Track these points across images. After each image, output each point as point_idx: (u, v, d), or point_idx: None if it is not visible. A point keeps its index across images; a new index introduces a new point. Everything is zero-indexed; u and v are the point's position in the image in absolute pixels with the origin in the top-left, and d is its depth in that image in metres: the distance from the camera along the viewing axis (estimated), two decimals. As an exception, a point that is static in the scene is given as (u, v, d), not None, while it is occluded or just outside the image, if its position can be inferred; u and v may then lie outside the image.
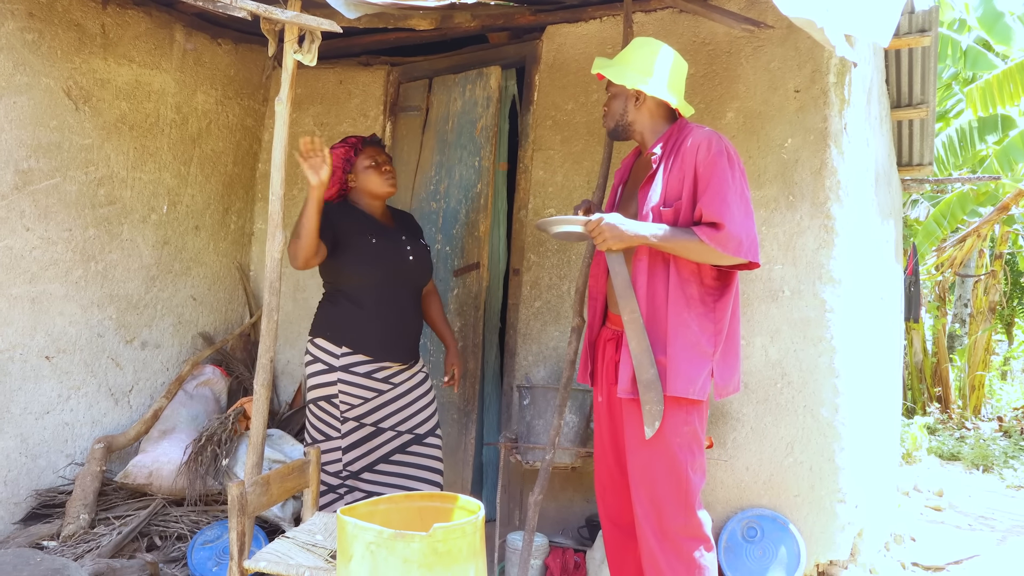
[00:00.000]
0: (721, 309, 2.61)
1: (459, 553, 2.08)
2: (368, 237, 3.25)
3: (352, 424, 3.21)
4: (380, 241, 3.27)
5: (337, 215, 3.25)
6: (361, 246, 3.23)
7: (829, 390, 3.40)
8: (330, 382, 3.20)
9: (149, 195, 4.24)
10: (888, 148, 5.63)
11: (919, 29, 4.79)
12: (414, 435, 3.32)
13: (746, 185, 2.59)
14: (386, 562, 2.05)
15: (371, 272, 3.23)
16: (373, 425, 3.23)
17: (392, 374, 3.26)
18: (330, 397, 3.21)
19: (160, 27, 4.25)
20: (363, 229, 3.27)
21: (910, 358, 11.56)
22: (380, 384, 3.22)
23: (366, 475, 3.24)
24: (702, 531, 2.59)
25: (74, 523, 3.52)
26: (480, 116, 4.19)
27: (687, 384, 2.51)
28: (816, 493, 3.38)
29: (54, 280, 3.79)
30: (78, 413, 3.93)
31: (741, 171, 2.59)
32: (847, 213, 3.53)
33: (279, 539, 2.63)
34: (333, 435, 3.23)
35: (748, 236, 2.49)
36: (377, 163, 3.33)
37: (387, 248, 3.28)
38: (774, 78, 3.63)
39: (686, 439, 2.56)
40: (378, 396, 3.22)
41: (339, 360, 3.19)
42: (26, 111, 3.63)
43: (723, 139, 2.60)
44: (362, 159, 3.32)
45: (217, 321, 4.70)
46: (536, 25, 4.17)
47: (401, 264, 3.30)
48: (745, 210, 2.52)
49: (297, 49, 2.78)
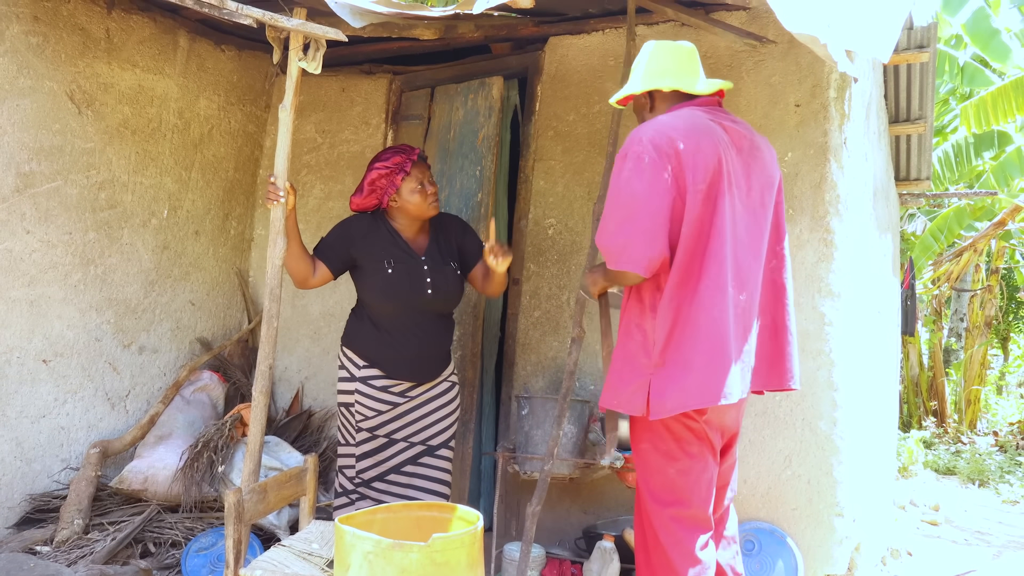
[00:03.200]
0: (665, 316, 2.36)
1: (457, 564, 2.08)
2: (384, 265, 3.15)
3: (365, 435, 3.23)
4: (396, 271, 3.15)
5: (361, 231, 3.16)
6: (376, 273, 3.15)
7: (828, 403, 3.40)
8: (350, 391, 3.23)
9: (150, 200, 4.24)
10: (886, 162, 5.65)
11: (918, 45, 4.82)
12: (427, 446, 3.31)
13: (638, 182, 2.29)
14: (383, 572, 2.05)
15: (383, 303, 3.19)
16: (386, 436, 3.23)
17: (409, 387, 3.25)
18: (348, 405, 3.26)
19: (164, 32, 4.25)
20: (383, 254, 3.16)
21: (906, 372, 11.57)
22: (396, 397, 3.21)
23: (377, 484, 3.24)
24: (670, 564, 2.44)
25: (68, 528, 3.50)
26: (482, 126, 4.20)
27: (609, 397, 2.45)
28: (814, 507, 3.38)
29: (53, 283, 3.78)
30: (74, 417, 3.91)
31: (635, 170, 2.31)
32: (846, 227, 3.54)
33: (275, 547, 2.62)
34: (351, 441, 3.28)
35: (618, 245, 2.30)
36: (423, 186, 3.17)
37: (402, 279, 3.15)
38: (775, 92, 3.65)
39: (641, 457, 2.50)
40: (393, 408, 3.22)
41: (359, 371, 3.20)
42: (29, 114, 3.63)
43: (637, 134, 2.38)
44: (409, 183, 3.16)
45: (215, 327, 4.70)
46: (539, 36, 4.18)
47: (417, 297, 3.17)
48: (622, 216, 2.30)
49: (302, 57, 2.79)
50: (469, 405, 4.05)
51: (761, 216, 2.54)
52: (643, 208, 2.28)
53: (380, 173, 3.18)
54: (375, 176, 3.19)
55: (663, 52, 2.61)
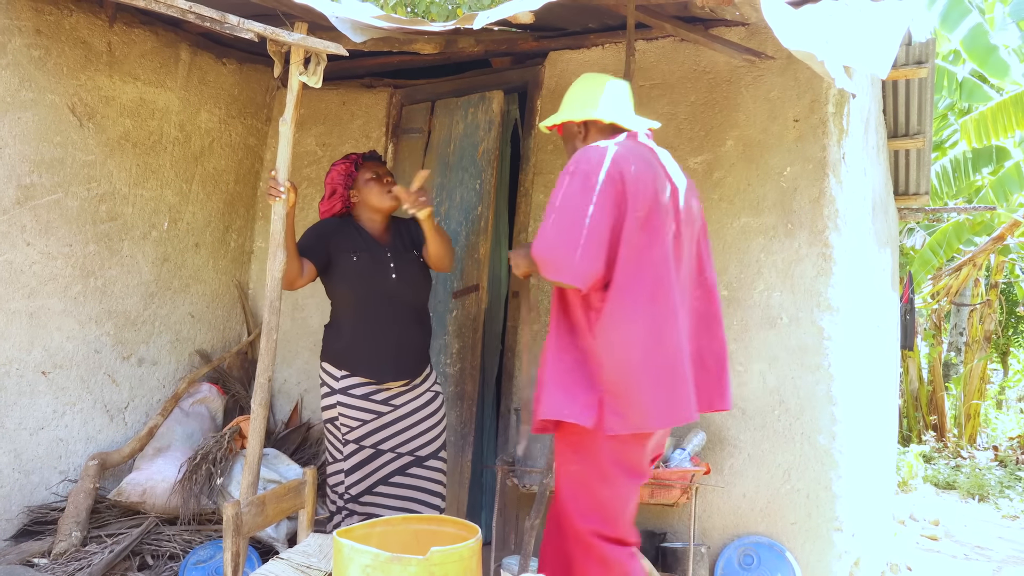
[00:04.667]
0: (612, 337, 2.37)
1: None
2: (351, 255, 3.24)
3: (352, 447, 3.21)
4: (361, 259, 3.24)
5: (331, 231, 3.26)
6: (342, 265, 3.23)
7: (827, 418, 3.40)
8: (331, 405, 3.23)
9: (150, 212, 4.25)
10: (885, 177, 5.67)
11: (916, 61, 4.85)
12: (415, 457, 3.30)
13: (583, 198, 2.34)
14: (382, 585, 2.05)
15: (350, 291, 3.23)
16: (372, 447, 3.22)
17: (392, 395, 3.25)
18: (333, 420, 3.25)
19: (166, 46, 4.28)
20: (349, 247, 3.25)
21: (906, 386, 11.56)
22: (379, 406, 3.21)
23: (365, 498, 3.23)
24: None
25: (66, 540, 3.49)
26: (482, 139, 4.22)
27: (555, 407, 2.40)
28: (813, 521, 3.38)
29: (53, 295, 3.79)
30: (73, 429, 3.91)
31: (583, 186, 2.35)
32: (845, 241, 3.55)
33: (273, 560, 2.61)
34: (339, 457, 3.26)
35: (559, 257, 2.31)
36: (378, 176, 3.32)
37: (366, 267, 3.24)
38: (774, 107, 3.67)
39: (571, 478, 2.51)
40: (377, 418, 3.22)
41: (338, 383, 3.21)
42: (30, 127, 3.65)
43: (586, 153, 2.45)
44: (363, 173, 3.32)
45: (215, 339, 4.70)
46: (539, 51, 4.21)
47: (383, 283, 3.25)
48: (566, 229, 2.31)
49: (303, 71, 2.80)
50: (469, 418, 4.05)
51: (691, 248, 2.62)
52: (588, 224, 2.32)
53: (336, 170, 3.33)
54: (333, 174, 3.33)
55: (604, 85, 2.67)
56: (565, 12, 3.74)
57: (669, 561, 3.42)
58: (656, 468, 3.22)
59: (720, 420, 3.58)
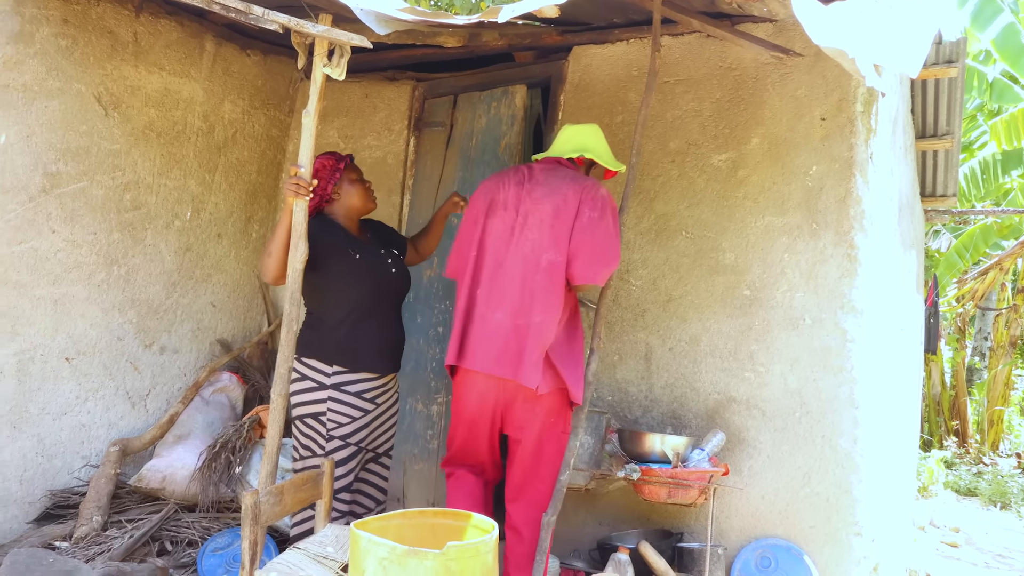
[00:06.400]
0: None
1: (472, 572, 2.07)
2: (351, 252, 3.21)
3: (337, 443, 3.14)
4: (363, 256, 3.23)
5: (314, 230, 3.12)
6: (345, 263, 3.18)
7: (849, 421, 3.36)
8: (319, 399, 3.13)
9: (173, 202, 4.28)
10: (912, 178, 5.60)
11: (946, 60, 4.78)
12: (374, 453, 3.31)
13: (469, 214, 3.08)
14: (398, 578, 2.04)
15: (356, 288, 3.19)
16: (356, 445, 3.17)
17: (378, 393, 3.23)
18: (317, 415, 3.14)
19: (191, 36, 4.30)
20: (346, 244, 3.22)
21: (928, 390, 11.43)
22: (367, 404, 3.18)
23: (343, 495, 3.19)
24: None
25: (87, 525, 3.53)
26: (504, 134, 4.21)
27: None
28: (832, 525, 3.34)
29: (77, 282, 3.82)
30: (95, 415, 3.95)
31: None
32: (871, 243, 3.50)
33: (290, 550, 2.62)
34: (318, 452, 3.16)
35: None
36: (361, 180, 3.32)
37: (370, 263, 3.24)
38: (800, 105, 3.62)
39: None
40: (364, 416, 3.17)
41: (330, 379, 3.14)
42: (57, 115, 3.68)
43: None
44: (349, 174, 3.30)
45: (235, 328, 4.73)
46: (563, 45, 4.19)
47: (384, 277, 3.27)
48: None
49: (327, 63, 2.80)
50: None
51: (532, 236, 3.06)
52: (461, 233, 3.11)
53: (323, 163, 3.26)
54: (319, 165, 3.24)
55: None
56: (590, 6, 3.72)
57: (685, 561, 3.40)
58: (675, 468, 3.20)
59: (739, 421, 3.55)
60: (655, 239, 3.85)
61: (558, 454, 3.00)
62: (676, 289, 3.77)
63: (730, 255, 3.67)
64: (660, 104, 3.89)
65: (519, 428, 2.96)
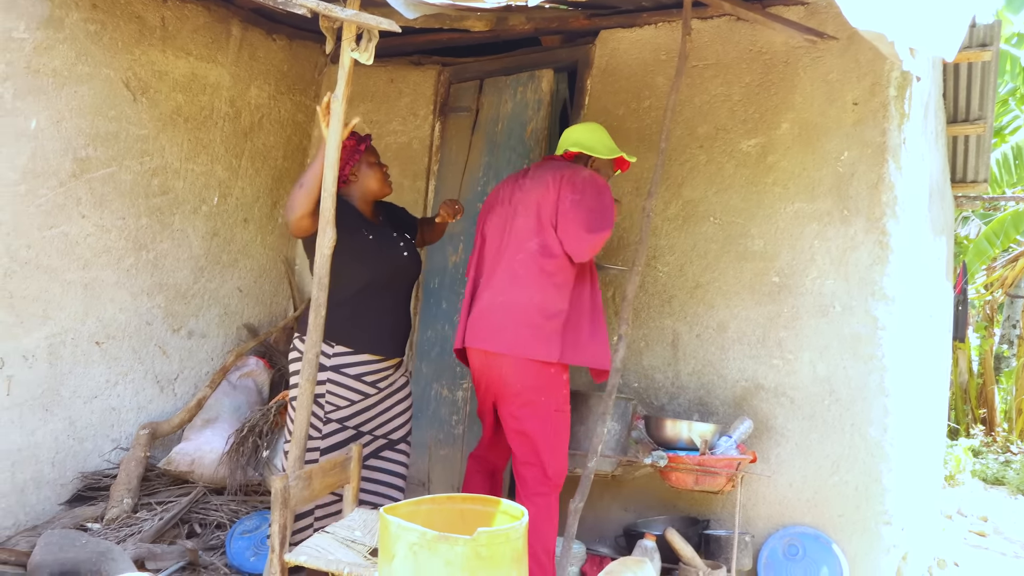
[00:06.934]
0: None
1: (502, 558, 2.07)
2: (364, 233, 3.18)
3: (335, 426, 3.12)
4: (377, 238, 3.20)
5: None
6: (359, 243, 3.14)
7: (879, 409, 3.33)
8: (320, 380, 3.08)
9: (201, 187, 4.30)
10: (942, 163, 5.51)
11: (979, 43, 4.69)
12: (388, 440, 3.26)
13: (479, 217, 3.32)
14: (428, 564, 2.04)
15: (368, 269, 3.15)
16: (355, 428, 3.15)
17: (380, 377, 3.19)
18: (316, 396, 3.08)
19: (218, 21, 4.30)
20: (359, 225, 3.19)
21: (955, 378, 11.29)
22: (367, 387, 3.15)
23: None
24: None
25: (118, 507, 3.57)
26: (530, 119, 4.18)
27: None
28: (861, 514, 3.32)
29: (106, 267, 3.85)
30: (125, 399, 3.99)
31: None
32: (903, 229, 3.45)
33: (318, 534, 2.64)
34: (314, 435, 3.11)
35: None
36: (379, 163, 3.30)
37: (384, 246, 3.22)
38: (832, 90, 3.57)
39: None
40: (364, 399, 3.15)
41: (330, 360, 3.09)
42: (86, 100, 3.69)
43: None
44: (367, 155, 3.27)
45: (262, 313, 4.75)
46: (590, 29, 4.15)
47: (397, 261, 3.24)
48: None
49: (354, 47, 2.78)
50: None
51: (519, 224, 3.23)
52: None
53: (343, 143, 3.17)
54: None
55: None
56: (619, -11, 3.69)
57: (712, 549, 3.39)
58: (702, 455, 3.19)
59: (767, 408, 3.53)
60: (682, 225, 3.82)
61: (545, 430, 3.00)
62: (704, 275, 3.74)
63: (759, 241, 3.64)
64: (688, 89, 3.84)
65: (502, 400, 3.06)
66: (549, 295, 3.00)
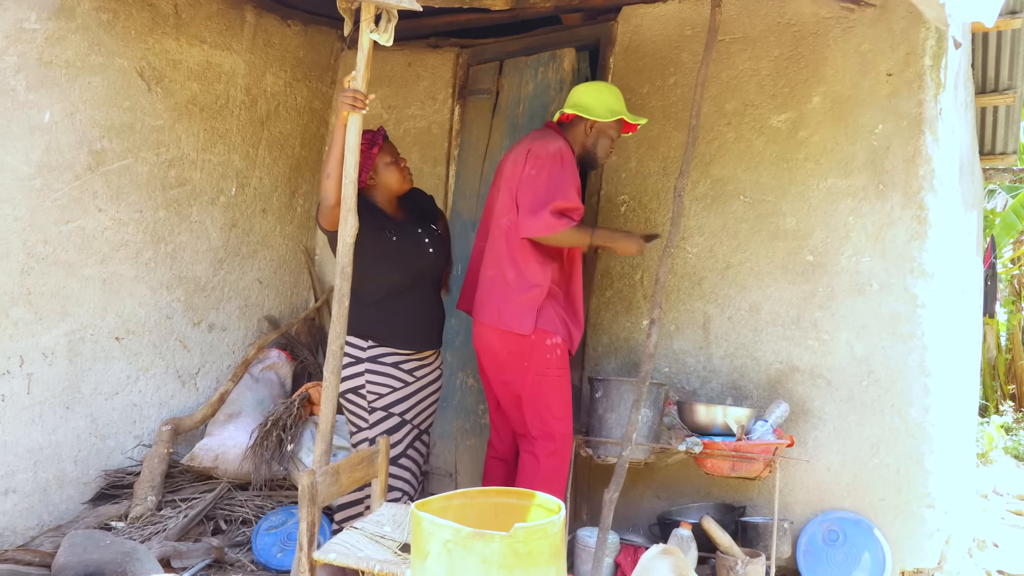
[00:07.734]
0: None
1: (540, 554, 1.99)
2: (388, 234, 3.15)
3: (380, 414, 3.14)
4: (400, 238, 3.17)
5: None
6: (383, 243, 3.13)
7: (919, 389, 3.22)
8: (357, 373, 3.13)
9: (218, 177, 4.23)
10: (972, 135, 5.37)
11: (1010, 11, 4.54)
12: (419, 429, 3.27)
13: None
14: (463, 561, 1.97)
15: (394, 270, 3.15)
16: (399, 416, 3.16)
17: (416, 367, 3.21)
18: (357, 388, 3.14)
19: (231, 7, 4.22)
20: (382, 224, 3.15)
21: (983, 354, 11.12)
22: (405, 375, 3.17)
23: (391, 468, 3.13)
24: None
25: (142, 505, 3.53)
26: (553, 99, 4.08)
27: None
28: (903, 497, 3.22)
29: (125, 261, 3.80)
30: (146, 394, 3.94)
31: None
32: (941, 204, 3.34)
33: (347, 530, 2.58)
34: (363, 426, 3.17)
35: None
36: (396, 159, 3.23)
37: (407, 245, 3.19)
38: (864, 61, 3.45)
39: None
40: (405, 387, 3.17)
41: (366, 352, 3.13)
42: (100, 91, 3.63)
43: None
44: (382, 156, 3.21)
45: (282, 305, 4.69)
46: (611, 6, 4.03)
47: (422, 259, 3.23)
48: None
49: (374, 28, 2.70)
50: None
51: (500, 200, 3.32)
52: None
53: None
54: None
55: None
56: (642, -37, 3.57)
57: (749, 536, 3.31)
58: (739, 440, 3.10)
59: (803, 391, 3.43)
60: (711, 205, 3.71)
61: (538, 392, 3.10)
62: (734, 256, 3.64)
63: (791, 219, 3.53)
64: (715, 64, 3.72)
65: (492, 369, 3.20)
66: (523, 271, 3.08)
